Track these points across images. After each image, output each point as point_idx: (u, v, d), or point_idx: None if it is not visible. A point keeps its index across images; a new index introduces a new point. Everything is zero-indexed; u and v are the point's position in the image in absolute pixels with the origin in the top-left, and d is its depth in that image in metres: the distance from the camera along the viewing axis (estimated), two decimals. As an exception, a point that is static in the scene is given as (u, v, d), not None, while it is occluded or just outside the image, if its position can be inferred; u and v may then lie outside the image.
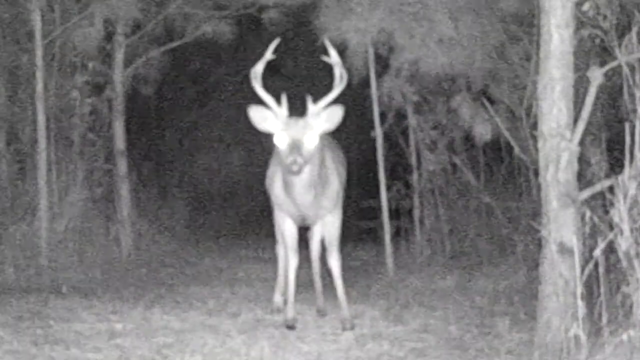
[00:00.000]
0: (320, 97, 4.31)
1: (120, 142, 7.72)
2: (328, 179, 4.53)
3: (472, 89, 6.66)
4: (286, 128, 4.22)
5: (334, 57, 4.43)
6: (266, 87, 4.37)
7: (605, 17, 4.22)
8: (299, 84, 10.88)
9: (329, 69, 4.49)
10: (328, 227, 4.73)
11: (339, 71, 4.39)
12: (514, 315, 4.64)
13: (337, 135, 5.27)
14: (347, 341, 4.29)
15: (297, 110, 4.35)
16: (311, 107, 4.28)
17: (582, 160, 4.23)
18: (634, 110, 3.77)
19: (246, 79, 4.46)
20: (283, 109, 4.30)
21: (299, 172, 4.13)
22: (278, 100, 4.34)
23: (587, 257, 3.47)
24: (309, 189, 4.38)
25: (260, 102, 4.37)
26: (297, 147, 4.12)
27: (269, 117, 4.31)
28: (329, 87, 4.38)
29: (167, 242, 8.31)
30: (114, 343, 4.12)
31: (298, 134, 4.18)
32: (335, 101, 4.35)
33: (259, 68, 4.43)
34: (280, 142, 4.22)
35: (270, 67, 4.47)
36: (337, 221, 4.75)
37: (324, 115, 4.28)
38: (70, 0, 6.97)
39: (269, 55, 4.46)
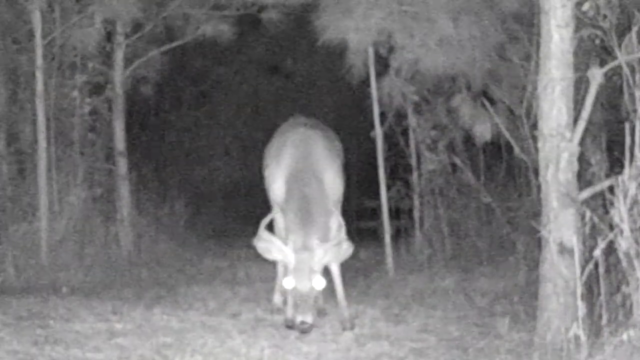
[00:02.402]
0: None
1: (120, 142, 7.71)
2: (328, 195, 4.53)
3: (472, 89, 6.66)
4: (294, 275, 4.17)
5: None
6: (266, 87, 4.37)
7: (605, 17, 4.22)
8: (298, 84, 10.92)
9: (328, 69, 4.48)
10: (327, 228, 4.73)
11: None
12: (514, 315, 4.64)
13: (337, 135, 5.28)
14: (347, 341, 4.29)
15: (297, 111, 4.33)
16: (318, 250, 4.21)
17: (582, 160, 4.23)
18: (634, 110, 3.77)
19: (246, 79, 4.44)
20: (289, 250, 4.24)
21: (309, 330, 4.12)
22: None
23: (587, 257, 3.47)
24: None
25: None
26: (305, 302, 4.11)
27: (274, 249, 4.30)
28: (328, 87, 4.37)
29: (167, 242, 8.30)
30: (114, 343, 4.12)
31: (306, 286, 4.14)
32: (336, 101, 4.34)
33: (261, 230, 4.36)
34: (288, 285, 4.21)
35: (270, 67, 4.46)
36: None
37: (332, 251, 4.25)
38: (70, 0, 6.97)
39: (266, 220, 4.40)
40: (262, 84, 10.90)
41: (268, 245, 4.30)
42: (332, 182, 4.60)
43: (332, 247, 4.25)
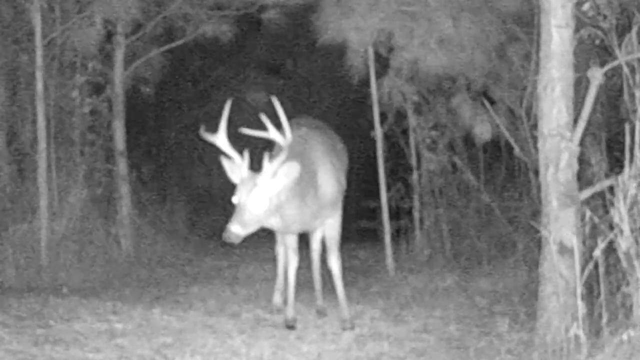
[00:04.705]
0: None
1: (120, 142, 7.71)
2: (322, 194, 4.52)
3: (472, 89, 6.66)
4: (238, 188, 4.15)
5: (270, 131, 4.25)
6: (267, 87, 4.36)
7: (605, 17, 4.22)
8: (298, 84, 10.92)
9: (328, 69, 4.47)
10: (328, 228, 4.74)
11: (280, 137, 4.23)
12: (514, 315, 4.64)
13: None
14: (347, 341, 4.29)
15: (297, 111, 4.32)
16: (266, 166, 4.17)
17: (582, 160, 4.23)
18: (634, 110, 3.77)
19: (246, 79, 4.43)
20: (244, 165, 4.22)
21: (232, 241, 4.06)
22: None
23: (587, 257, 3.47)
24: (289, 227, 4.40)
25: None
26: (238, 213, 4.07)
27: (235, 170, 4.27)
28: (328, 87, 4.36)
29: (167, 242, 8.30)
30: (114, 343, 4.12)
31: (243, 197, 4.10)
32: (336, 101, 4.33)
33: (221, 127, 4.31)
34: (234, 201, 4.17)
35: (270, 67, 4.45)
36: (337, 222, 4.75)
37: (281, 172, 4.18)
38: (70, 0, 6.96)
39: (226, 114, 4.34)
40: (262, 84, 10.93)
41: (230, 165, 4.27)
42: (329, 185, 4.59)
43: (279, 166, 4.16)
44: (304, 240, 5.09)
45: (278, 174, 4.16)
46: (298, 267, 4.77)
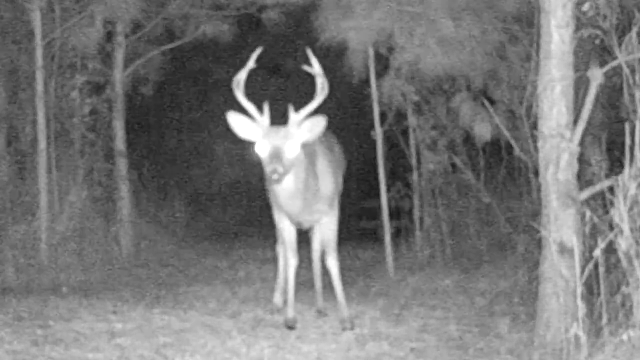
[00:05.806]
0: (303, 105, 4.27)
1: (120, 142, 7.72)
2: (320, 184, 4.52)
3: (472, 89, 6.66)
4: (267, 136, 4.18)
5: (316, 68, 4.36)
6: (267, 87, 4.36)
7: (605, 17, 4.22)
8: (299, 84, 10.92)
9: (328, 69, 4.48)
10: (325, 228, 4.73)
11: (320, 81, 4.32)
12: (514, 315, 4.64)
13: (337, 135, 5.28)
14: (347, 341, 4.29)
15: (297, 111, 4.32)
16: (293, 116, 4.24)
17: (582, 160, 4.23)
18: (634, 110, 3.77)
19: (246, 79, 4.44)
20: (265, 118, 4.28)
21: (279, 181, 4.10)
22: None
23: (587, 257, 3.47)
24: (295, 197, 4.36)
25: (243, 110, 4.34)
26: (277, 156, 4.09)
27: (249, 125, 4.29)
28: (328, 87, 4.36)
29: (167, 242, 8.31)
30: (114, 343, 4.12)
31: (279, 142, 4.15)
32: (336, 101, 4.33)
33: (241, 76, 4.38)
34: (262, 150, 4.18)
35: (270, 67, 4.46)
36: (334, 222, 4.74)
37: (306, 125, 4.23)
38: (70, 0, 6.97)
39: (251, 63, 4.40)
40: (262, 84, 10.93)
41: (242, 120, 4.30)
42: (326, 180, 4.60)
43: (306, 116, 4.22)
44: (304, 240, 5.09)
45: (303, 126, 4.21)
46: (298, 267, 4.76)
